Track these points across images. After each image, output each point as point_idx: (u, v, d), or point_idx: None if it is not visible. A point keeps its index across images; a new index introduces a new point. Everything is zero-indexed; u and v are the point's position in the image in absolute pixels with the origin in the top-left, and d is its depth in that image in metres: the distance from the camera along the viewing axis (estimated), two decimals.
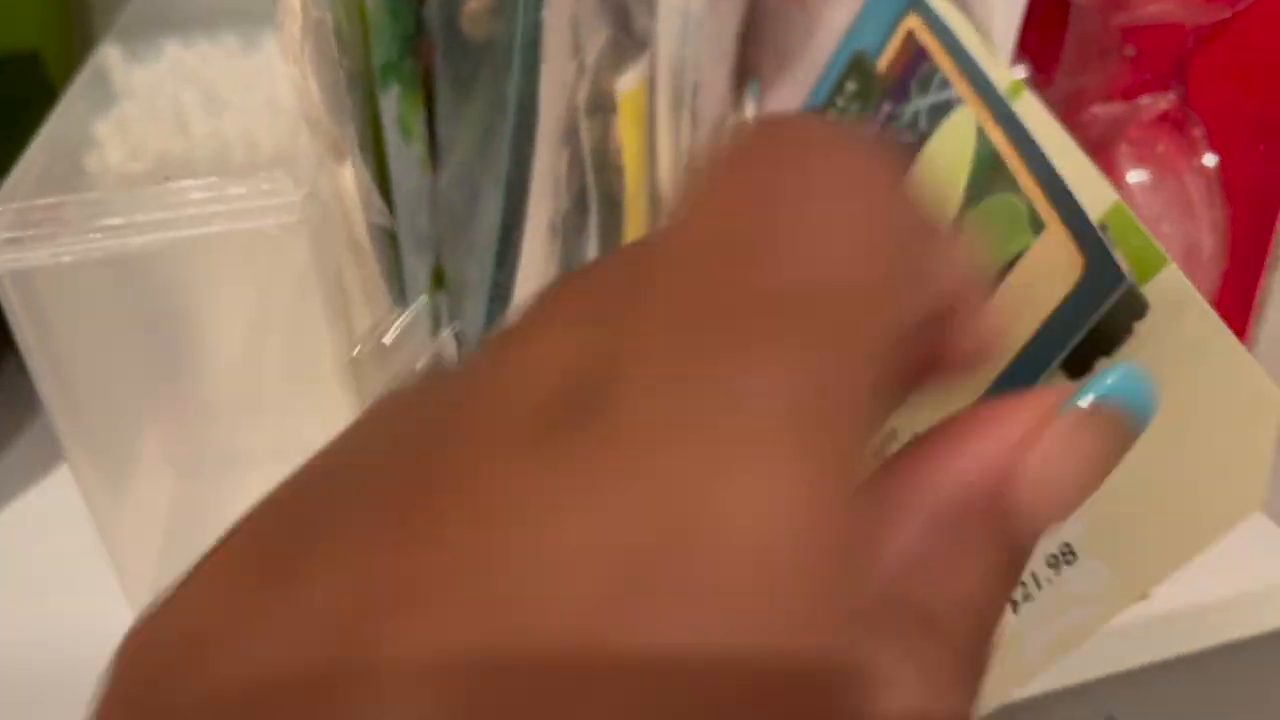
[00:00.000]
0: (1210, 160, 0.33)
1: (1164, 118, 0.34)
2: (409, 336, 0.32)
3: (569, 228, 0.34)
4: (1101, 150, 0.35)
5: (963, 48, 0.26)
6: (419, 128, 0.33)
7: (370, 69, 0.30)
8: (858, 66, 0.29)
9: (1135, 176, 0.34)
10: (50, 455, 0.37)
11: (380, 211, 0.28)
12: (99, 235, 0.24)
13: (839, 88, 0.30)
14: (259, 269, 0.26)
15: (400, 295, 0.32)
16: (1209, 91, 0.33)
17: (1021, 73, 0.25)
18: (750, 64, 0.48)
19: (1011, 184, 0.24)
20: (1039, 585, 0.22)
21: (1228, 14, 0.32)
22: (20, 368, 0.41)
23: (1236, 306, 0.32)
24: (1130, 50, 0.34)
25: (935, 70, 0.26)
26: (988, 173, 0.24)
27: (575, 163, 0.34)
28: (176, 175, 0.29)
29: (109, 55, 0.34)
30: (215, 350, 0.29)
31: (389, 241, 0.30)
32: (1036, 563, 0.22)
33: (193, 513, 0.34)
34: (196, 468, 0.34)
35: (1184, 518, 0.20)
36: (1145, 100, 0.34)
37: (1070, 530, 0.21)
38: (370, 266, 0.28)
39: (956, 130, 0.25)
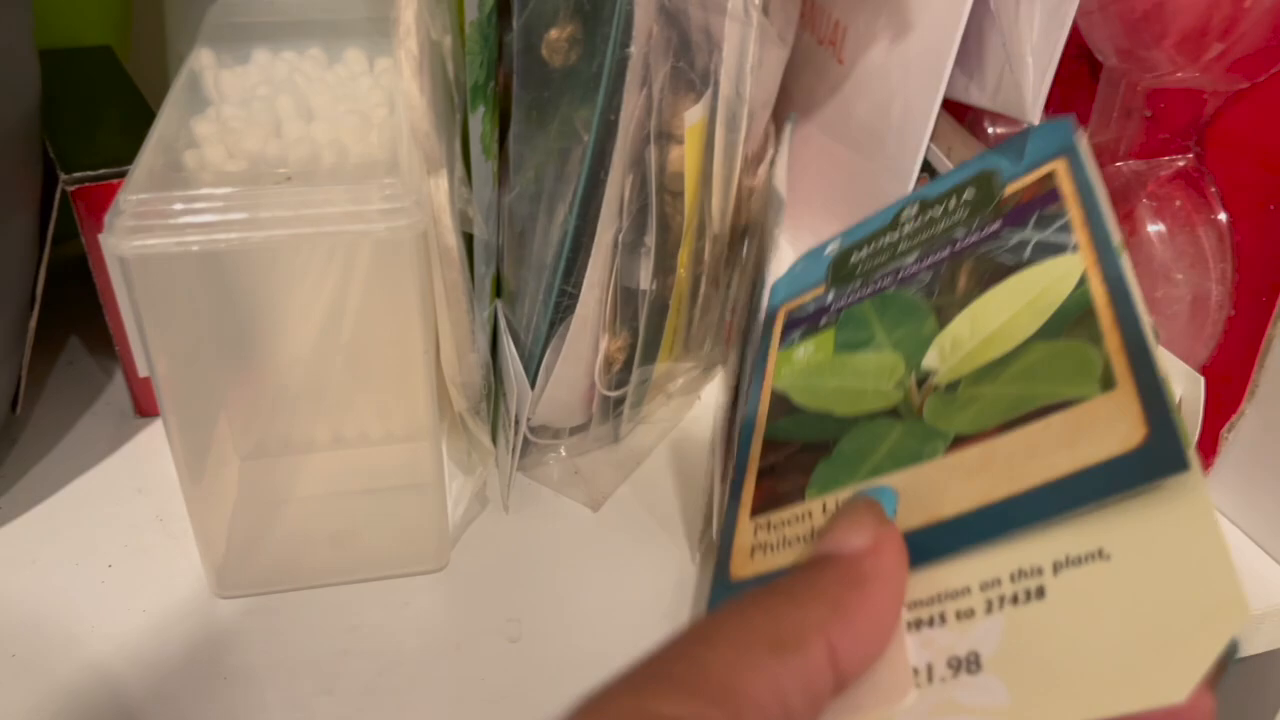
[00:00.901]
0: (1223, 216, 0.35)
1: (1182, 175, 0.36)
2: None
3: (626, 245, 0.37)
4: (1123, 202, 0.37)
5: (1096, 202, 0.27)
6: (494, 145, 0.35)
7: (464, 90, 0.32)
8: (985, 181, 0.31)
9: (1153, 227, 0.37)
10: (128, 425, 0.39)
11: (473, 223, 0.30)
12: (218, 228, 0.26)
13: (958, 189, 0.32)
14: (364, 268, 0.28)
15: (475, 296, 0.34)
16: (1225, 153, 0.36)
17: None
18: (787, 100, 0.50)
19: (1094, 336, 0.24)
20: (930, 680, 0.21)
21: (1245, 85, 0.34)
22: (95, 344, 0.43)
23: (1240, 355, 0.35)
24: (1150, 113, 0.37)
25: (1062, 214, 0.27)
26: (1075, 318, 0.25)
27: (638, 186, 0.36)
28: (270, 174, 0.31)
29: (201, 59, 0.36)
30: (304, 341, 0.31)
31: (470, 248, 0.32)
32: (937, 656, 0.21)
33: (256, 491, 0.36)
34: (265, 450, 0.36)
35: (1104, 679, 0.19)
36: (1165, 159, 0.37)
37: (985, 639, 0.21)
38: (454, 273, 0.30)
39: (1062, 271, 0.26)
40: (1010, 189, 0.30)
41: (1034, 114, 0.36)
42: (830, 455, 0.29)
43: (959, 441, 0.25)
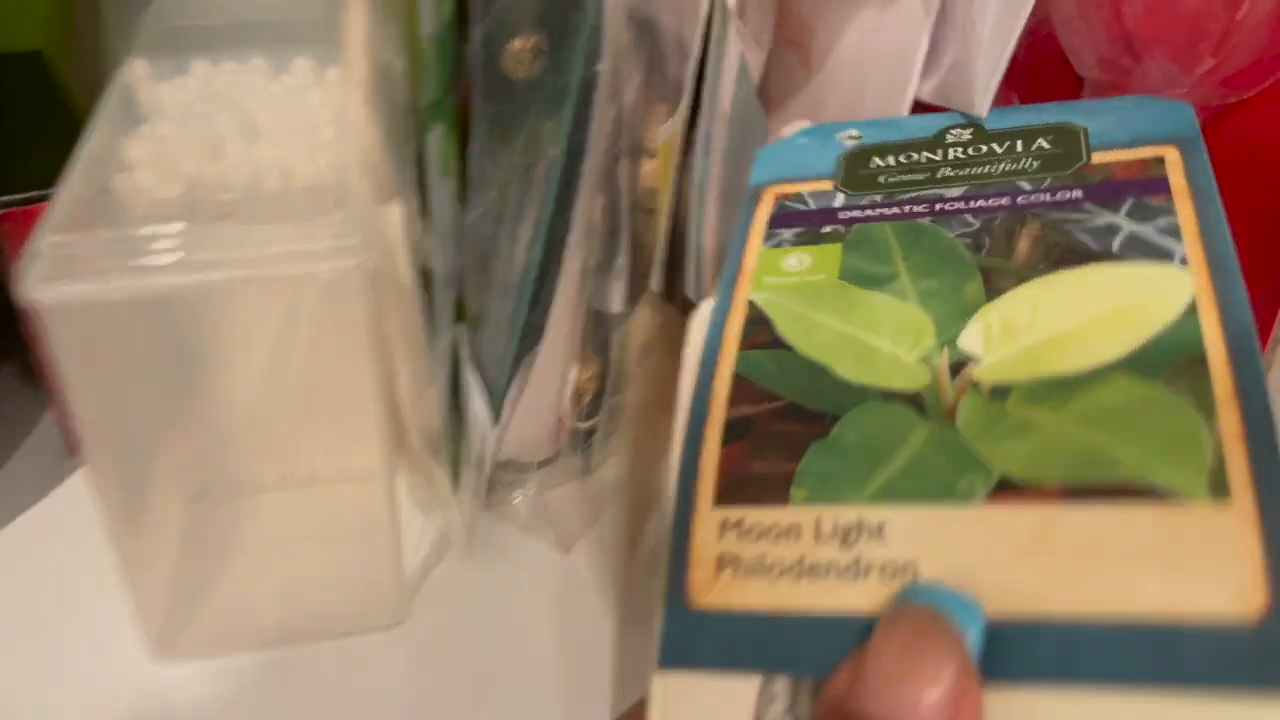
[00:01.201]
0: None
1: None
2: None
3: (597, 267, 0.35)
4: None
5: (1217, 212, 0.22)
6: (454, 163, 0.33)
7: (419, 108, 0.30)
8: (1070, 136, 0.26)
9: None
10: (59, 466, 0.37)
11: (427, 254, 0.28)
12: (148, 273, 0.24)
13: (1030, 134, 0.27)
14: (310, 309, 0.26)
15: (432, 330, 0.32)
16: (1214, 166, 0.34)
17: None
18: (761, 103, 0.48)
19: (1204, 399, 0.19)
20: None
21: (1233, 99, 0.33)
22: (24, 378, 0.40)
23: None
24: None
25: (1169, 211, 0.23)
26: (1180, 359, 0.20)
27: (609, 206, 0.34)
28: (209, 201, 0.29)
29: (135, 70, 0.33)
30: (247, 384, 0.29)
31: (427, 281, 0.30)
32: None
33: (204, 535, 0.34)
34: (209, 493, 0.34)
35: None
36: None
37: None
38: (409, 310, 0.27)
39: (1166, 285, 0.21)
40: (1101, 157, 0.25)
41: (983, 105, 0.33)
42: (827, 439, 0.22)
43: (1006, 488, 0.19)
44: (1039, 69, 0.34)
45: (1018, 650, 0.17)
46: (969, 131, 0.28)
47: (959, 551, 0.19)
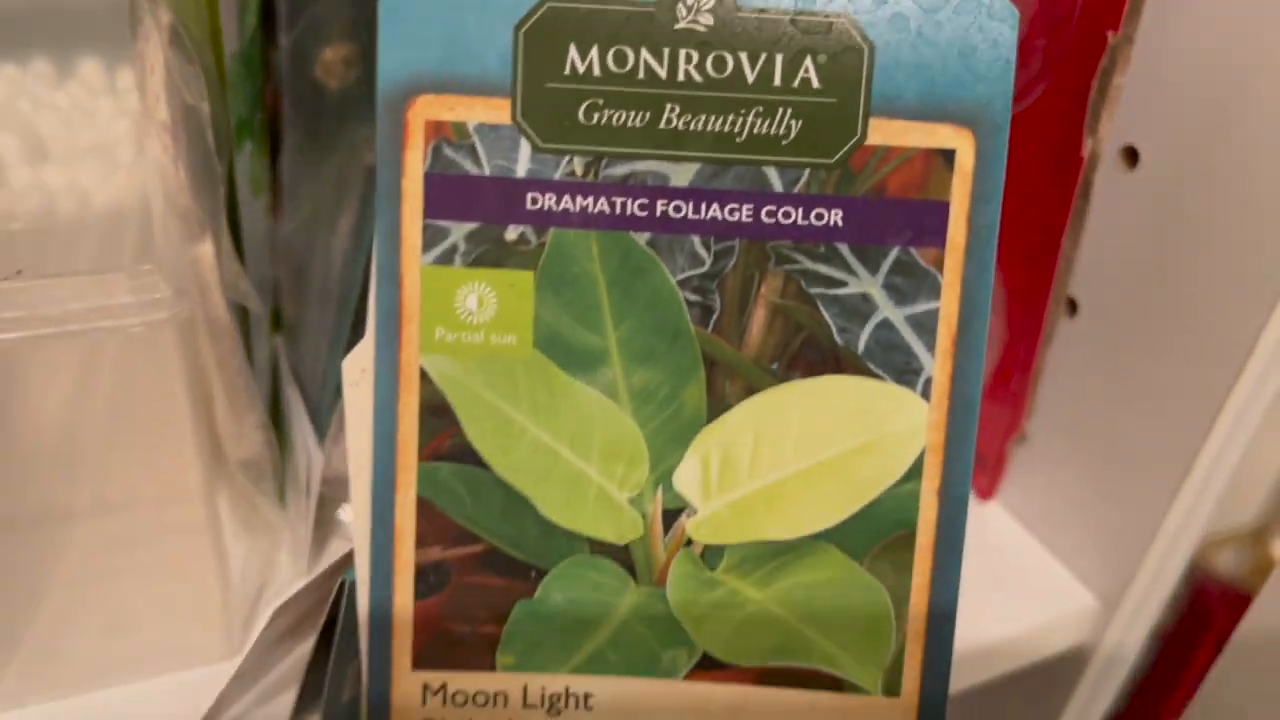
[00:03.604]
0: None
1: None
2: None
3: None
4: None
5: (984, 296, 0.20)
6: (265, 176, 0.32)
7: (228, 132, 0.28)
8: (847, 64, 0.19)
9: None
10: None
11: (244, 294, 0.27)
12: None
13: (801, 52, 0.19)
14: (117, 359, 0.25)
15: (247, 347, 0.31)
16: None
17: None
18: None
19: (900, 592, 0.20)
20: None
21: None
22: None
23: (1017, 375, 0.36)
24: None
25: (934, 284, 0.20)
26: (890, 535, 0.20)
27: None
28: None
29: None
30: (52, 426, 0.27)
31: (243, 317, 0.29)
32: None
33: (7, 576, 0.32)
34: (15, 525, 0.32)
35: None
36: None
37: None
38: (226, 347, 0.27)
39: (903, 423, 0.20)
40: (880, 130, 0.19)
41: None
42: (533, 600, 0.20)
43: (708, 664, 0.20)
44: None
45: None
46: (708, 8, 0.19)
47: (653, 717, 0.20)
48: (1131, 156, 0.31)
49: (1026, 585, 0.36)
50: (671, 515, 0.21)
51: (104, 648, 0.30)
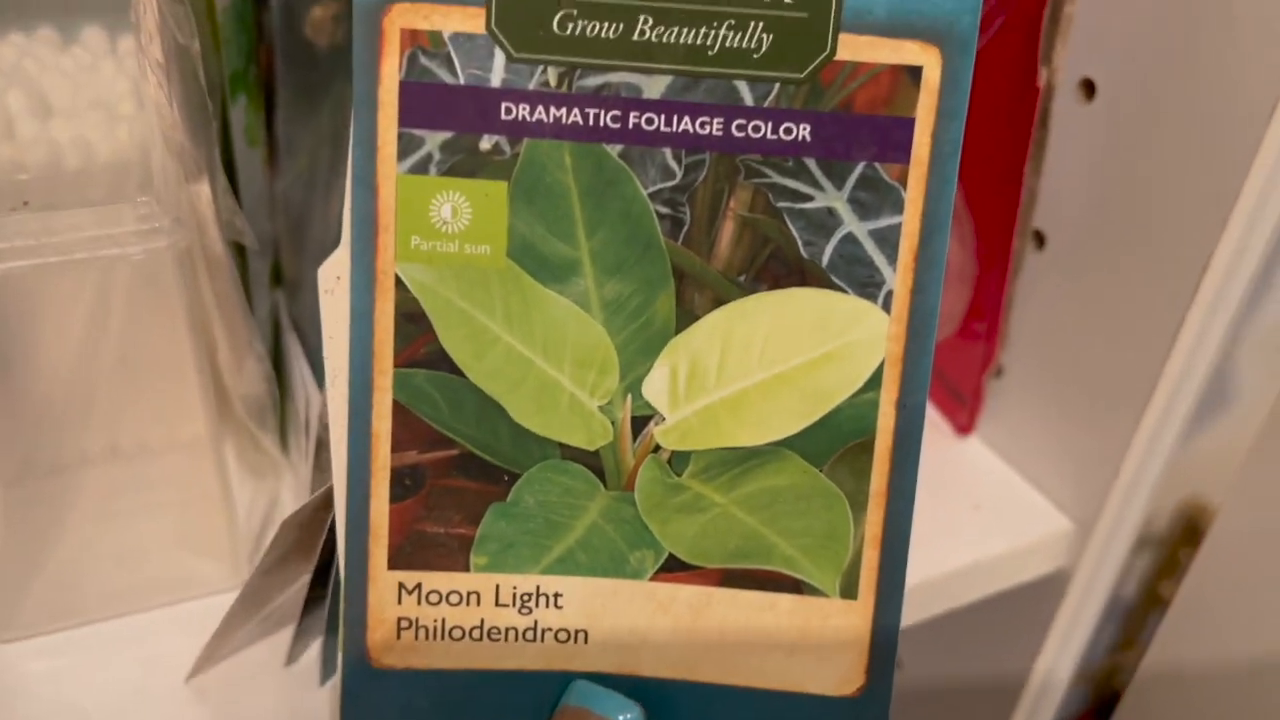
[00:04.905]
0: None
1: None
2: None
3: None
4: None
5: (945, 212, 0.20)
6: (260, 132, 0.33)
7: (222, 82, 0.30)
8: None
9: None
10: None
11: (239, 231, 0.29)
12: None
13: None
14: (123, 289, 0.26)
15: (248, 300, 0.32)
16: None
17: None
18: None
19: (859, 498, 0.21)
20: None
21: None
22: None
23: (990, 309, 0.37)
24: None
25: (898, 199, 0.20)
26: (850, 443, 0.21)
27: None
28: (5, 183, 0.28)
29: None
30: (63, 364, 0.29)
31: (241, 255, 0.31)
32: None
33: (26, 518, 0.34)
34: (31, 471, 0.34)
35: None
36: None
37: None
38: (224, 283, 0.28)
39: (864, 334, 0.21)
40: (849, 46, 0.19)
41: None
42: (505, 503, 0.21)
43: (673, 565, 0.21)
44: None
45: (670, 708, 0.21)
46: None
47: (626, 621, 0.21)
48: (1089, 89, 0.32)
49: (1005, 514, 0.37)
50: (640, 422, 0.21)
51: (118, 580, 0.32)
